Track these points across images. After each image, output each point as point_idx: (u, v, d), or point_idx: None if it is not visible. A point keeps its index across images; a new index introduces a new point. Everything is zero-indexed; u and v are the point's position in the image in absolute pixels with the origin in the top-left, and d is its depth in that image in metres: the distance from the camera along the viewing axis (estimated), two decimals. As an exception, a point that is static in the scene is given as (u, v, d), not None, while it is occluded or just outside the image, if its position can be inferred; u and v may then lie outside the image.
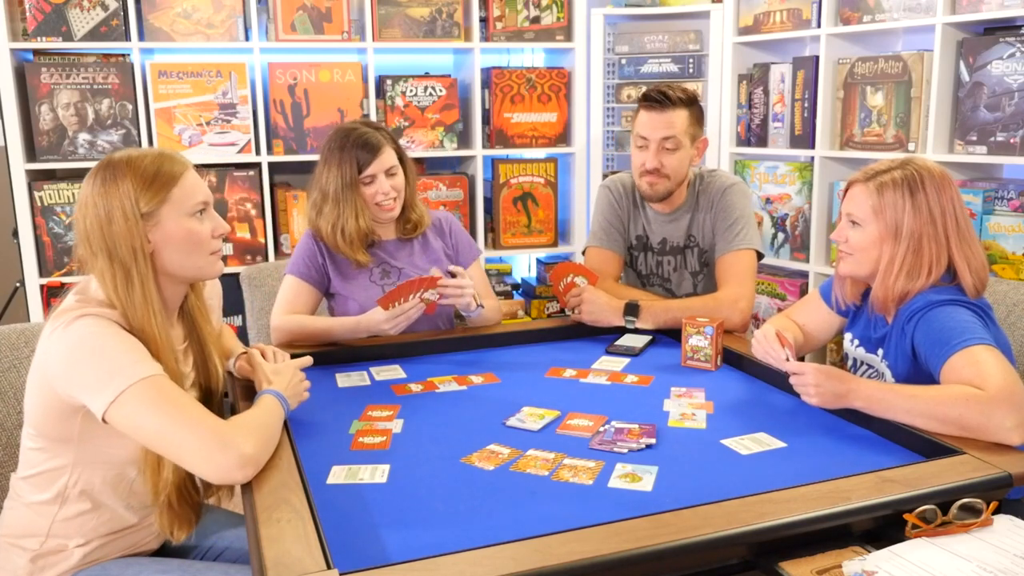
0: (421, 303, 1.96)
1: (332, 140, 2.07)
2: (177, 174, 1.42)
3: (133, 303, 1.37)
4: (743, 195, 2.23)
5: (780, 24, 3.11)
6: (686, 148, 2.17)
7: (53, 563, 1.44)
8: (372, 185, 2.05)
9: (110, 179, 1.39)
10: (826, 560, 1.12)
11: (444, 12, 3.16)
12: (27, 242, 2.87)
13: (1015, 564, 1.08)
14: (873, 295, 1.66)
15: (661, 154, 2.16)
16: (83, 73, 2.85)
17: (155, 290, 1.40)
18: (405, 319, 1.95)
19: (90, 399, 1.30)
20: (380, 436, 1.51)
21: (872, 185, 1.62)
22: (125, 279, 1.37)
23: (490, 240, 3.44)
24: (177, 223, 1.42)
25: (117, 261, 1.37)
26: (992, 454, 1.32)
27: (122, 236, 1.37)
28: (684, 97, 2.16)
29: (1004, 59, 2.45)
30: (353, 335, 2.00)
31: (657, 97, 2.14)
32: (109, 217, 1.37)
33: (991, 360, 1.42)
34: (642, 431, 1.50)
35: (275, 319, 2.08)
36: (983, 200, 2.53)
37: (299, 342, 2.02)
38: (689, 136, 2.17)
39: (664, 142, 2.15)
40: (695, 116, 2.19)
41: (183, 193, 1.42)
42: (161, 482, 1.39)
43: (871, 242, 1.62)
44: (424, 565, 1.04)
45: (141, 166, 1.40)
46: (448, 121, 3.23)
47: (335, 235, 2.06)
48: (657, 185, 2.19)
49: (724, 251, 2.20)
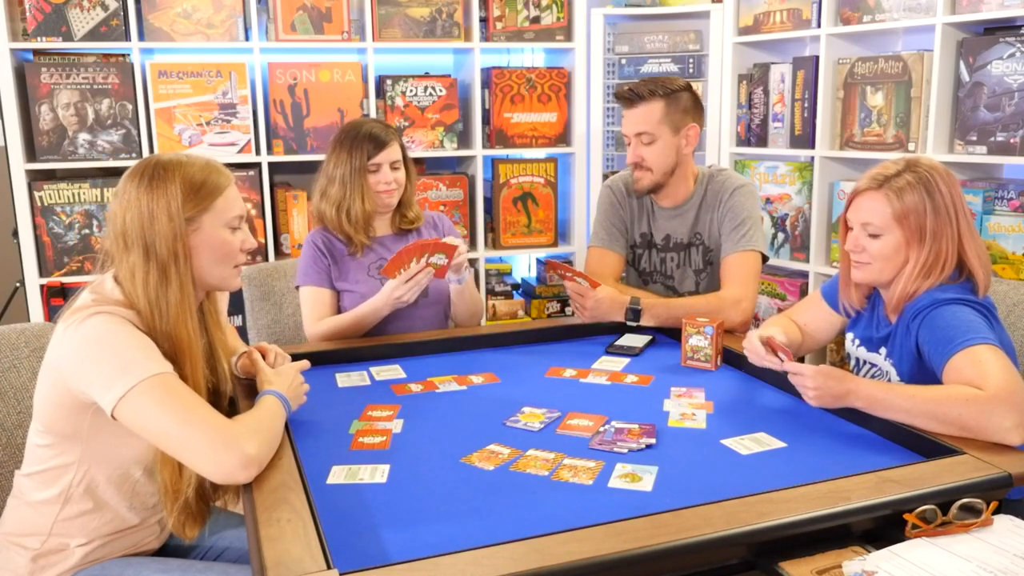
0: (429, 268, 2.02)
1: (344, 131, 2.20)
2: (223, 186, 1.47)
3: (168, 302, 1.40)
4: (752, 197, 2.24)
5: (780, 24, 3.11)
6: (665, 139, 2.18)
7: (54, 562, 1.44)
8: (377, 174, 2.17)
9: (159, 179, 1.41)
10: (826, 560, 1.12)
11: (444, 12, 3.16)
12: (27, 242, 2.87)
13: (1015, 564, 1.08)
14: (889, 297, 1.66)
15: (639, 148, 2.20)
16: (83, 73, 2.85)
17: (192, 292, 1.44)
18: (416, 285, 2.03)
19: (100, 395, 1.31)
20: (380, 436, 1.51)
21: (888, 192, 1.59)
22: (161, 278, 1.39)
23: (490, 240, 3.43)
24: (214, 232, 1.46)
25: (155, 260, 1.40)
26: (992, 454, 1.32)
27: (163, 236, 1.40)
28: (657, 89, 2.16)
29: (1004, 59, 2.45)
30: (378, 314, 2.11)
31: (626, 95, 2.19)
32: (152, 215, 1.40)
33: (993, 360, 1.42)
34: (642, 431, 1.50)
35: (308, 331, 2.18)
36: (983, 200, 2.53)
37: (338, 339, 2.12)
38: (668, 126, 2.17)
39: (640, 137, 2.19)
40: (676, 105, 2.18)
41: (225, 204, 1.47)
42: (184, 480, 1.40)
43: (894, 249, 1.60)
44: (424, 565, 1.04)
45: (191, 172, 1.44)
46: (448, 121, 3.23)
47: (340, 216, 2.17)
48: (642, 179, 2.23)
49: (730, 251, 2.20)
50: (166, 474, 1.40)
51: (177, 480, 1.40)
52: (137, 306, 1.39)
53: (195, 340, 1.43)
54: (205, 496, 1.45)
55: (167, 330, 1.39)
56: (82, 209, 2.90)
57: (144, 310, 1.39)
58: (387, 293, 2.04)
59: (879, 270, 1.63)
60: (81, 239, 2.92)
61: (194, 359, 1.41)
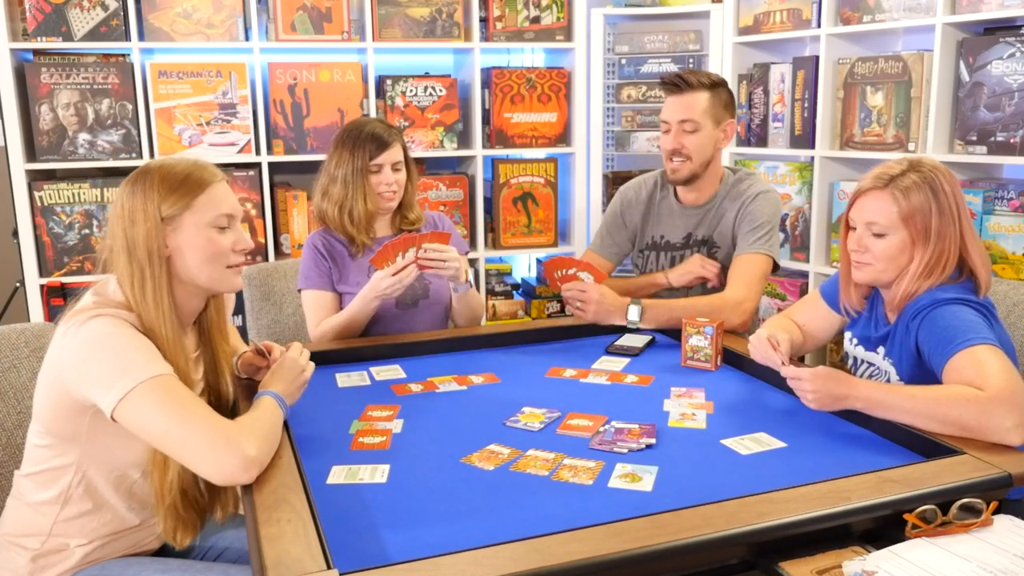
0: (414, 265, 2.00)
1: (346, 131, 2.19)
2: (206, 182, 1.45)
3: (147, 304, 1.39)
4: (774, 204, 2.24)
5: (780, 24, 3.11)
6: (707, 130, 2.20)
7: (54, 562, 1.44)
8: (379, 174, 2.16)
9: (139, 182, 1.42)
10: (826, 560, 1.12)
11: (444, 12, 3.16)
12: (27, 242, 2.87)
13: (1015, 564, 1.08)
14: (891, 297, 1.65)
15: (681, 136, 2.20)
16: (83, 73, 2.85)
17: (167, 295, 1.42)
18: (399, 280, 2.00)
19: (100, 396, 1.31)
20: (380, 436, 1.51)
21: (895, 191, 1.58)
22: (140, 280, 1.39)
23: (490, 240, 3.43)
24: (197, 231, 1.43)
25: (135, 262, 1.40)
26: (992, 454, 1.32)
27: (141, 238, 1.40)
28: (704, 81, 2.19)
29: (1004, 59, 2.45)
30: (368, 307, 2.09)
31: (674, 81, 2.20)
32: (132, 218, 1.40)
33: (993, 360, 1.42)
34: (642, 431, 1.50)
35: (311, 334, 2.18)
36: (983, 200, 2.53)
37: (341, 339, 2.12)
38: (711, 118, 2.20)
39: (683, 124, 2.19)
40: (718, 99, 2.21)
41: (208, 202, 1.44)
42: (166, 485, 1.40)
43: (899, 249, 1.60)
44: (424, 565, 1.04)
45: (171, 172, 1.43)
46: (448, 121, 3.23)
47: (343, 215, 2.17)
48: (680, 169, 2.23)
49: (741, 252, 2.20)
50: (155, 479, 1.41)
51: (161, 486, 1.40)
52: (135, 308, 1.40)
53: (175, 341, 1.40)
54: (195, 505, 1.45)
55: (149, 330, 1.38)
56: (82, 209, 2.90)
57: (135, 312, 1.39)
58: (374, 283, 2.03)
59: (882, 270, 1.63)
60: (81, 239, 2.92)
61: (179, 362, 1.39)
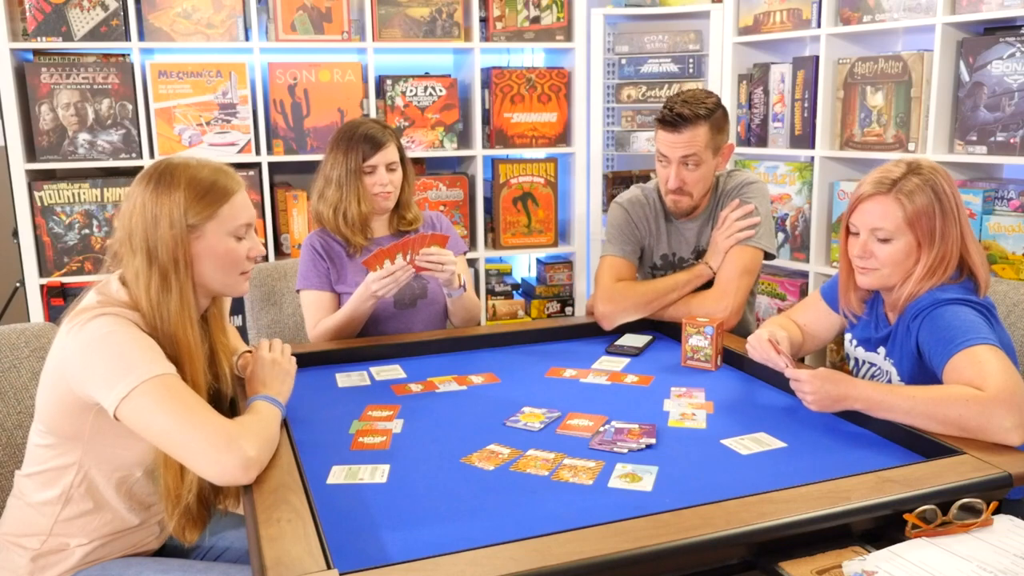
0: (409, 266, 1.99)
1: (341, 132, 2.19)
2: (230, 192, 1.45)
3: (168, 308, 1.39)
4: (760, 194, 2.19)
5: (780, 24, 3.11)
6: (708, 162, 2.13)
7: (54, 562, 1.44)
8: (373, 175, 2.15)
9: (164, 184, 1.41)
10: (826, 560, 1.12)
11: (444, 12, 3.16)
12: (27, 242, 2.87)
13: (1015, 564, 1.08)
14: (894, 299, 1.65)
15: (682, 172, 2.12)
16: (83, 73, 2.85)
17: (192, 298, 1.43)
18: (393, 282, 1.99)
19: (103, 395, 1.31)
20: (380, 436, 1.51)
21: (899, 195, 1.57)
22: (162, 284, 1.39)
23: (490, 240, 3.43)
24: (219, 239, 1.44)
25: (156, 265, 1.39)
26: (992, 454, 1.32)
27: (165, 242, 1.39)
28: (702, 112, 2.08)
29: (1004, 59, 2.45)
30: (363, 307, 2.07)
31: (672, 119, 2.09)
32: (156, 221, 1.39)
33: (993, 360, 1.42)
34: (642, 431, 1.50)
35: (310, 334, 2.17)
36: (983, 200, 2.53)
37: (339, 339, 2.11)
38: (711, 149, 2.12)
39: (684, 159, 2.11)
40: (716, 126, 2.12)
41: (232, 212, 1.45)
42: (185, 485, 1.39)
43: (905, 253, 1.59)
44: (424, 565, 1.04)
45: (198, 177, 1.42)
46: (448, 121, 3.23)
47: (337, 218, 2.17)
48: (681, 202, 2.18)
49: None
50: (169, 478, 1.40)
51: (179, 484, 1.39)
52: (141, 308, 1.39)
53: (196, 345, 1.42)
54: (206, 501, 1.45)
55: (169, 333, 1.39)
56: (82, 209, 2.90)
57: (147, 313, 1.39)
58: (365, 285, 2.02)
59: (887, 275, 1.62)
60: (81, 239, 2.92)
61: (195, 363, 1.41)
